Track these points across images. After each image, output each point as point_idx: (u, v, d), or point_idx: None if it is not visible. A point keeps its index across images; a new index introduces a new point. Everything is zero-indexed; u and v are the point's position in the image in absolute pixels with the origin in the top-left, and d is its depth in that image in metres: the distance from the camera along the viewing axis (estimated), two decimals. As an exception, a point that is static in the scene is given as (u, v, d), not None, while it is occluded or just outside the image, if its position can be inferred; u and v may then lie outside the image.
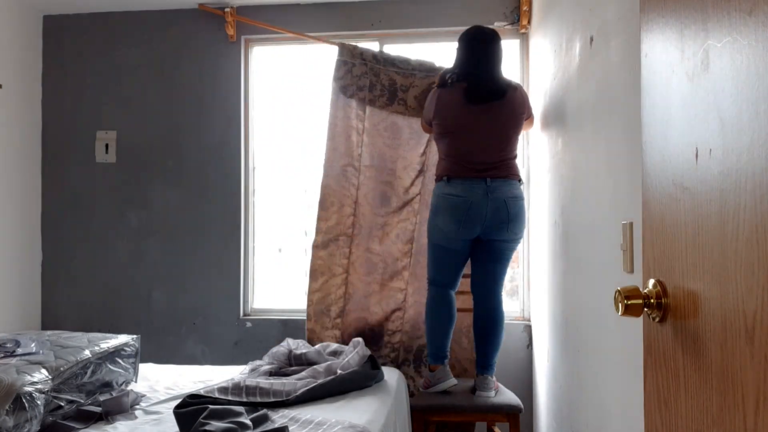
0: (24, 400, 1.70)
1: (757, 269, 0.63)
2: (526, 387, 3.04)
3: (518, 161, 2.57)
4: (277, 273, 3.49)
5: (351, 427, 1.75)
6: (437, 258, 2.53)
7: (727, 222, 0.70)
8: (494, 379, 2.53)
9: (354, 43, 3.06)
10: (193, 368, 2.58)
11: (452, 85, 2.55)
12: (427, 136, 2.93)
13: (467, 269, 2.62)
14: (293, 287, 3.46)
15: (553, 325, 2.47)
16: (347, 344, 2.65)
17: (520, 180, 2.51)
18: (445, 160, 2.52)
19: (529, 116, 2.66)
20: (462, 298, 2.76)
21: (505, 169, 2.47)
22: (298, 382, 2.14)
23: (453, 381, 2.45)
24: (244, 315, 3.32)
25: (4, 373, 1.75)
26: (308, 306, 2.96)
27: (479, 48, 2.55)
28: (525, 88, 3.20)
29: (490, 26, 3.18)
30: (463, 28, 3.19)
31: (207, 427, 1.66)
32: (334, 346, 2.52)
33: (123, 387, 2.16)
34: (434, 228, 2.49)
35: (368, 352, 2.31)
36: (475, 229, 2.44)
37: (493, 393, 2.47)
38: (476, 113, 2.48)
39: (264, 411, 1.89)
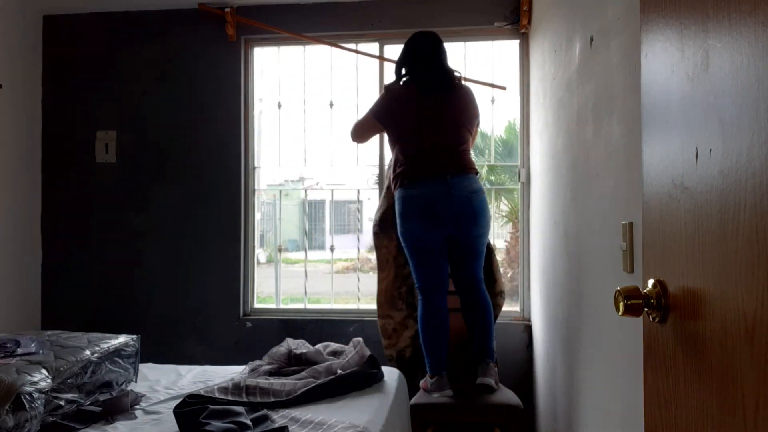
0: (24, 400, 1.70)
1: (757, 269, 0.63)
2: (526, 387, 3.04)
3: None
4: (277, 273, 3.48)
5: (351, 427, 1.75)
6: (417, 261, 2.55)
7: (727, 222, 0.70)
8: (496, 368, 2.55)
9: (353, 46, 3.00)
10: (193, 368, 2.58)
11: (404, 84, 2.62)
12: None
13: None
14: (293, 287, 3.46)
15: (553, 325, 2.47)
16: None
17: (477, 173, 2.56)
18: (403, 164, 2.54)
19: (479, 123, 2.72)
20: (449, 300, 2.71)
21: (462, 163, 2.52)
22: (298, 382, 2.14)
23: (449, 392, 2.47)
24: (244, 315, 3.32)
25: (4, 373, 1.75)
26: (378, 295, 2.82)
27: (425, 46, 2.62)
28: (525, 88, 3.21)
29: (490, 26, 3.20)
30: (463, 28, 3.21)
31: (207, 427, 1.66)
32: (334, 345, 2.52)
33: (123, 387, 2.16)
34: (405, 233, 2.54)
35: (368, 352, 2.31)
36: (445, 227, 2.47)
37: (494, 381, 2.48)
38: (431, 104, 2.54)
39: (264, 411, 1.89)
